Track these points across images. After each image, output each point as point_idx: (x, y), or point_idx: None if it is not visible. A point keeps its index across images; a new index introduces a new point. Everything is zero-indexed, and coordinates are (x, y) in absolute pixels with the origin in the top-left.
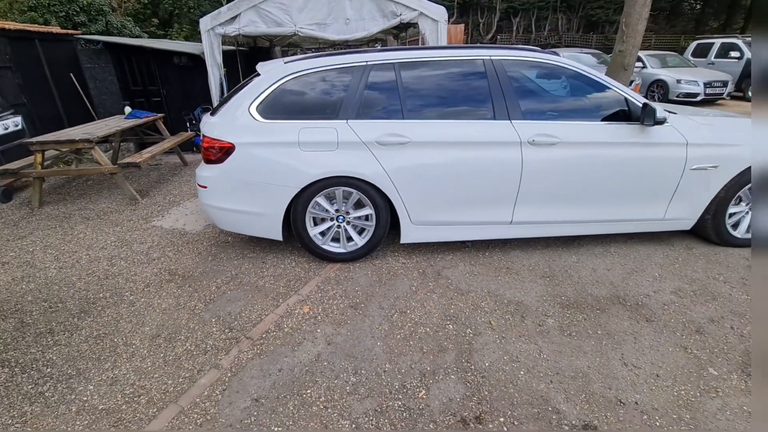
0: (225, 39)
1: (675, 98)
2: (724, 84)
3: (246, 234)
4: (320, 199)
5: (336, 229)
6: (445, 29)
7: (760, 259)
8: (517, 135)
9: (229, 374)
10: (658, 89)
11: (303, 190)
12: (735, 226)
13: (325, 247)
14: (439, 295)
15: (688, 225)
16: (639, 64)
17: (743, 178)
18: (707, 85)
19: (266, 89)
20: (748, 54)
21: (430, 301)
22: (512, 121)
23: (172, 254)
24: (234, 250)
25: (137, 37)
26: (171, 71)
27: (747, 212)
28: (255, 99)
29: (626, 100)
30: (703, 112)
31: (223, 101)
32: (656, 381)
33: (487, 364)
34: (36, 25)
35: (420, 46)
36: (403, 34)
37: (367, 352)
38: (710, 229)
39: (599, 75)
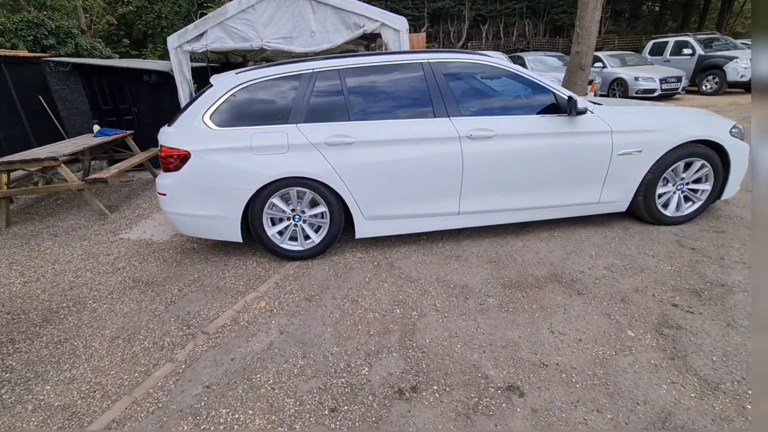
0: (195, 56)
1: (634, 95)
2: (678, 79)
3: (208, 238)
4: (276, 200)
5: (293, 228)
6: (407, 38)
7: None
8: (455, 131)
9: (183, 366)
10: (618, 87)
11: (258, 192)
12: (665, 205)
13: (283, 246)
14: (390, 283)
15: (622, 207)
16: (599, 64)
17: (666, 160)
18: (663, 81)
19: (218, 99)
20: (699, 51)
21: (381, 290)
22: (451, 118)
23: (137, 263)
24: (198, 256)
25: (108, 57)
26: (141, 89)
27: (675, 192)
28: (208, 108)
29: (554, 94)
30: (629, 103)
31: (179, 112)
32: (578, 345)
33: (427, 341)
34: (2, 50)
35: (364, 53)
36: (373, 44)
37: (317, 338)
38: (643, 209)
39: (528, 73)
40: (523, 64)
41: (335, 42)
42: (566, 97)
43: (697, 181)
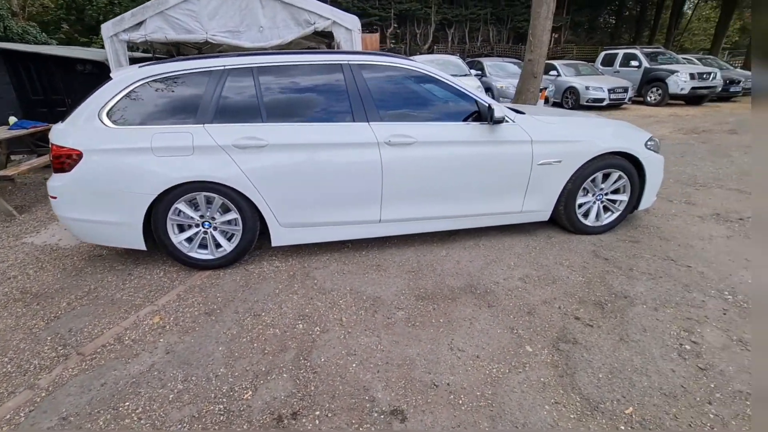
0: (140, 46)
1: (585, 103)
2: (625, 90)
3: (108, 245)
4: (181, 206)
5: (203, 235)
6: (359, 38)
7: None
8: (374, 136)
9: (43, 394)
10: (571, 95)
11: (160, 197)
12: (586, 215)
13: (192, 254)
14: (301, 295)
15: (545, 216)
16: (554, 72)
17: (585, 171)
18: (611, 91)
19: (117, 94)
20: (645, 63)
21: (289, 303)
22: (370, 123)
23: (32, 272)
24: (103, 264)
25: (44, 44)
26: (75, 80)
27: (594, 202)
28: (105, 104)
29: (476, 102)
30: (552, 113)
31: (72, 107)
32: (474, 362)
33: (323, 360)
34: None
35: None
36: (334, 42)
37: (206, 358)
38: (564, 219)
39: (451, 79)
40: (482, 69)
41: (285, 38)
42: (486, 105)
43: (616, 191)
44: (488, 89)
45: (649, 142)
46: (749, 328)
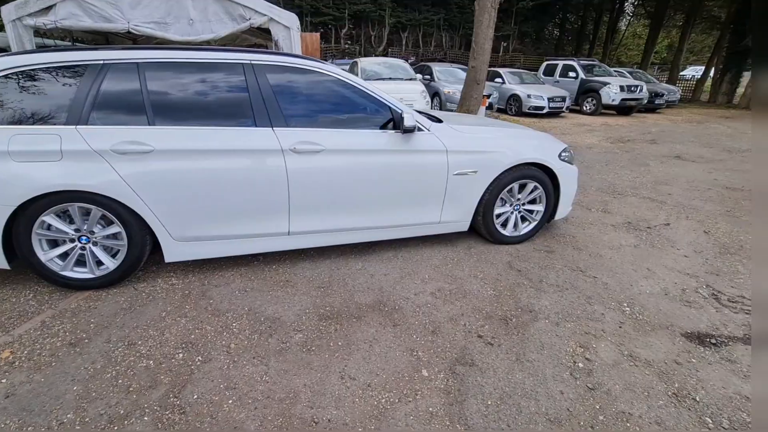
0: (53, 34)
1: (527, 110)
2: (563, 99)
3: None
4: (49, 218)
5: (80, 251)
6: (298, 36)
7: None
8: (278, 142)
9: None
10: (514, 103)
11: (22, 208)
12: (504, 225)
13: (66, 273)
14: (190, 319)
15: (464, 226)
16: (500, 79)
17: (502, 181)
18: (551, 99)
19: None
20: (581, 75)
21: (174, 328)
22: (274, 128)
23: None
24: None
25: None
26: None
27: (512, 212)
28: None
29: (390, 109)
30: (471, 122)
31: None
32: (364, 392)
33: (195, 397)
34: None
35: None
36: (272, 40)
37: (54, 401)
38: (483, 229)
39: (366, 84)
40: (431, 74)
41: (218, 33)
42: (399, 113)
43: (532, 201)
44: (436, 94)
45: (563, 153)
46: (641, 342)
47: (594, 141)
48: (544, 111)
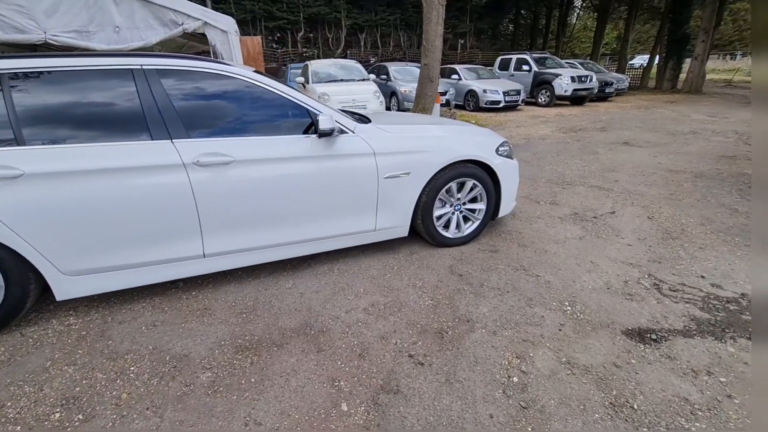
0: None
1: (484, 105)
2: (518, 92)
3: None
4: None
5: None
6: (237, 40)
7: None
8: (178, 156)
9: None
10: (471, 98)
11: None
12: (447, 226)
13: None
14: (78, 367)
15: (403, 232)
16: (456, 76)
17: (438, 182)
18: (506, 93)
19: None
20: (534, 67)
21: (57, 380)
22: (174, 141)
23: None
24: None
25: None
26: None
27: (453, 213)
28: None
29: (308, 112)
30: (404, 120)
31: None
32: None
33: None
34: None
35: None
36: (209, 46)
37: None
38: (424, 232)
39: (281, 87)
40: (387, 74)
41: (149, 40)
42: (316, 115)
43: (474, 200)
44: (393, 94)
45: (501, 148)
46: (580, 345)
47: (547, 132)
48: (501, 105)
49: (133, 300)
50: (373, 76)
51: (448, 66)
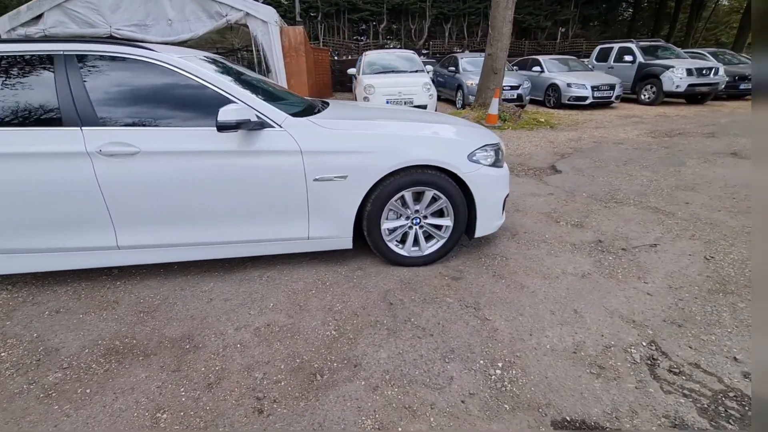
0: None
1: (567, 102)
2: (611, 87)
3: None
4: None
5: None
6: (276, 30)
7: None
8: (84, 144)
9: None
10: (553, 93)
11: None
12: (404, 241)
13: None
14: None
15: (345, 243)
16: (537, 68)
17: (386, 189)
18: (595, 88)
19: None
20: (640, 58)
21: None
22: (83, 128)
23: None
24: None
25: None
26: None
27: (411, 227)
28: None
29: (229, 101)
30: (356, 115)
31: None
32: None
33: None
34: None
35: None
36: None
37: None
38: (372, 247)
39: (207, 74)
40: (456, 66)
41: (196, 32)
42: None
43: (440, 214)
44: (459, 87)
45: (478, 153)
46: (478, 431)
47: (631, 135)
48: (588, 101)
49: (62, 283)
50: (429, 68)
51: (531, 57)
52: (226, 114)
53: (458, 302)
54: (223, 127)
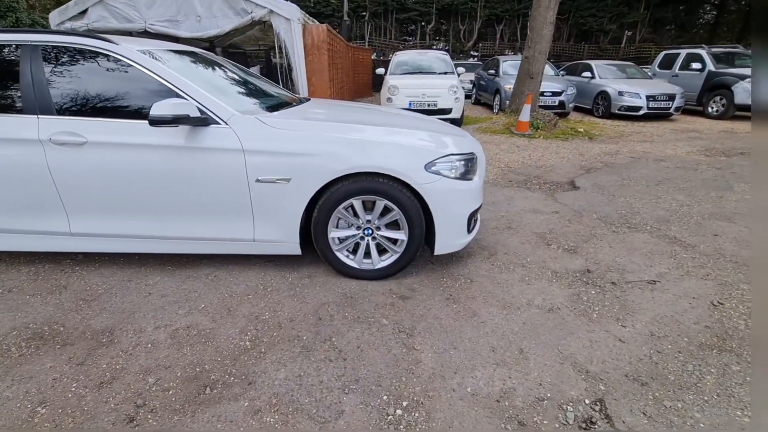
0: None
1: (617, 111)
2: (671, 98)
3: None
4: None
5: None
6: (299, 28)
7: None
8: (37, 132)
9: None
10: (602, 101)
11: None
12: (355, 251)
13: None
14: None
15: (293, 249)
16: (587, 73)
17: (333, 195)
18: (651, 98)
19: None
20: (710, 66)
21: None
22: (40, 117)
23: None
24: None
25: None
26: None
27: (363, 238)
28: None
29: (177, 95)
30: (313, 114)
31: None
32: None
33: None
34: None
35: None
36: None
37: None
38: (321, 255)
39: (158, 68)
40: (497, 69)
41: (223, 28)
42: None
43: (395, 226)
44: (497, 91)
45: (439, 162)
46: None
47: (680, 152)
48: (641, 112)
49: (28, 263)
50: (462, 70)
51: (582, 62)
52: (160, 108)
53: (393, 325)
54: (156, 122)
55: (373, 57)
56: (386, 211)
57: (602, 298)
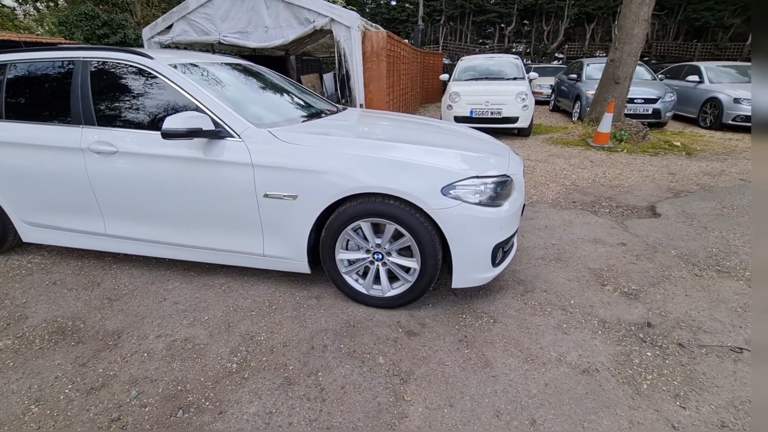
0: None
1: (730, 122)
2: None
3: None
4: None
5: None
6: (358, 36)
7: None
8: (80, 141)
9: None
10: (712, 110)
11: None
12: (365, 275)
13: None
14: None
15: (301, 267)
16: (694, 77)
17: (341, 215)
18: None
19: None
20: None
21: None
22: (84, 127)
23: None
24: None
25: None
26: None
27: (372, 262)
28: None
29: (197, 108)
30: (327, 126)
31: None
32: None
33: None
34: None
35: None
36: (333, 41)
37: None
38: (329, 277)
39: (183, 82)
40: (579, 73)
41: (287, 37)
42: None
43: (408, 253)
44: (577, 98)
45: (461, 185)
46: None
47: None
48: None
49: (78, 258)
50: (534, 75)
51: (688, 63)
52: (173, 122)
53: (389, 366)
54: (169, 135)
55: (445, 61)
56: (398, 235)
57: (661, 363)
